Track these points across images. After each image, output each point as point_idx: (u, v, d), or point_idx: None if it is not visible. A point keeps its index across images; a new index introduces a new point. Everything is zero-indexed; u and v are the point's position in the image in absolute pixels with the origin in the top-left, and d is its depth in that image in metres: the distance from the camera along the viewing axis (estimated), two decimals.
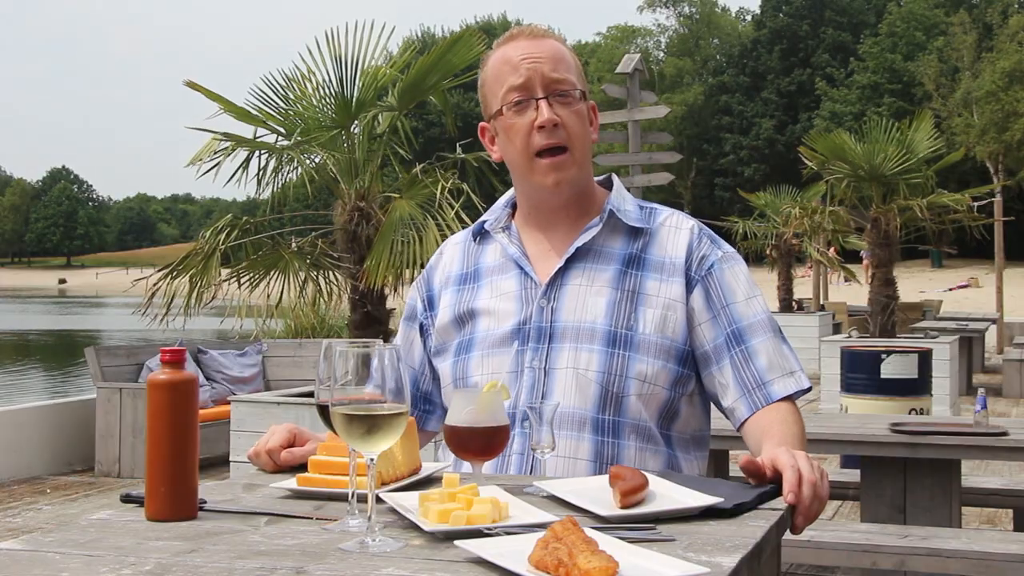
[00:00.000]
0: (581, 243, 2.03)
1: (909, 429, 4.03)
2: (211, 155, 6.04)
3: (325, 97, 6.09)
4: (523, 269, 2.05)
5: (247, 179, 6.18)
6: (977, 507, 5.56)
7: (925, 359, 6.44)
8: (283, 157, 6.14)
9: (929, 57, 48.50)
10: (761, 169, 55.19)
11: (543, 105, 1.98)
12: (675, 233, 2.05)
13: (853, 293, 22.48)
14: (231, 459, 5.66)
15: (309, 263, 6.17)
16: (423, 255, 5.60)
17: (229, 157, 6.08)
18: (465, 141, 6.38)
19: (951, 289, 33.81)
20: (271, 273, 6.14)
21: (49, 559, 1.27)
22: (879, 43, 54.44)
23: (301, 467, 1.75)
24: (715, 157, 59.48)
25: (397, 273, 5.72)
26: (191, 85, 6.14)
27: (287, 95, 6.15)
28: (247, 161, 6.14)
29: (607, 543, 1.24)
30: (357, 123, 6.20)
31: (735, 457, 4.56)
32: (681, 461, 2.01)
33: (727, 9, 70.62)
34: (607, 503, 1.51)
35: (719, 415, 2.07)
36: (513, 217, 2.15)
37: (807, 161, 11.64)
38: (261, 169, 6.16)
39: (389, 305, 6.12)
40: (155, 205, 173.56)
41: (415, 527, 1.39)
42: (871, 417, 4.89)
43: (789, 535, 1.61)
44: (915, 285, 31.57)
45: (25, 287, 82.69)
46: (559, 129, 1.98)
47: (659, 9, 67.31)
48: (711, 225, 2.35)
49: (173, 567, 1.23)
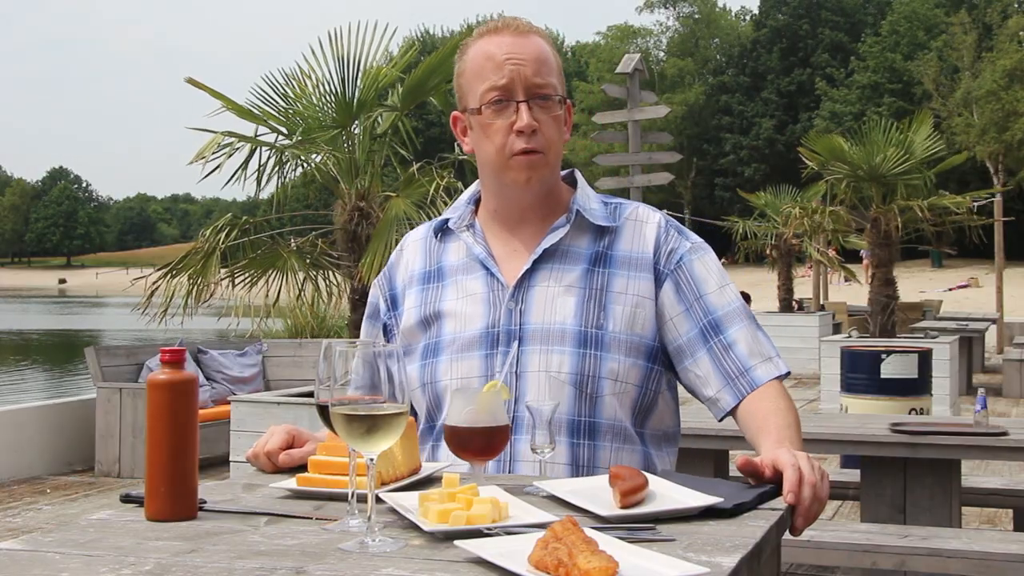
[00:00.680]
0: (548, 244, 2.00)
1: (909, 429, 4.03)
2: (214, 151, 6.05)
3: (326, 96, 6.10)
4: (489, 270, 2.02)
5: (247, 178, 6.19)
6: (977, 507, 5.56)
7: (925, 359, 6.44)
8: (284, 156, 6.15)
9: (929, 57, 48.49)
10: (761, 169, 55.19)
11: (523, 109, 1.95)
12: (641, 227, 2.04)
13: (853, 293, 22.49)
14: (231, 459, 5.67)
15: (308, 263, 6.17)
16: None
17: (231, 156, 6.08)
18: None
19: (951, 289, 33.81)
20: (269, 272, 6.14)
21: (49, 559, 1.27)
22: (879, 42, 54.43)
23: (301, 467, 1.75)
24: (715, 157, 59.48)
25: None
26: (192, 82, 6.15)
27: (288, 94, 6.16)
28: (248, 160, 6.15)
29: (607, 543, 1.24)
30: (358, 123, 6.21)
31: (735, 457, 4.56)
32: (654, 458, 2.01)
33: (727, 9, 70.57)
34: (607, 503, 1.51)
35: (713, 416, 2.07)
36: (476, 214, 2.11)
37: (807, 161, 11.64)
38: (261, 166, 6.16)
39: None
40: (155, 205, 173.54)
41: (415, 527, 1.39)
42: (871, 417, 4.89)
43: (789, 535, 1.61)
44: (915, 285, 31.56)
45: (25, 287, 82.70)
46: (537, 135, 1.96)
47: (659, 9, 67.28)
48: (711, 225, 2.35)
49: (173, 567, 1.23)
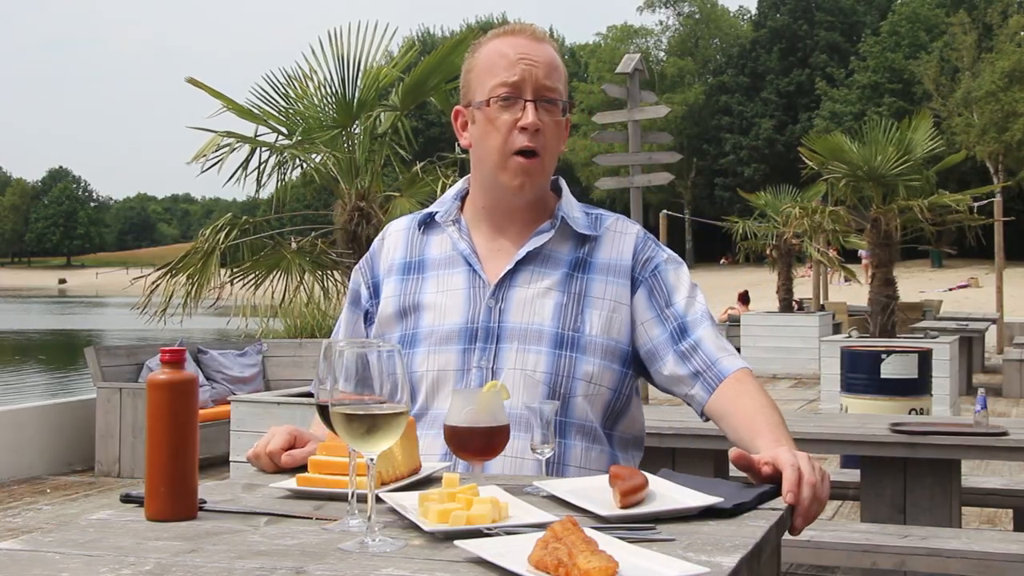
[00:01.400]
0: (532, 247, 2.04)
1: (909, 429, 4.03)
2: (214, 151, 6.05)
3: (326, 96, 6.10)
4: (472, 267, 2.06)
5: (247, 178, 6.19)
6: (977, 507, 5.56)
7: (925, 359, 6.44)
8: (284, 156, 6.14)
9: (930, 57, 48.49)
10: (761, 169, 55.21)
11: (530, 108, 2.00)
12: (620, 238, 2.09)
13: (853, 293, 22.48)
14: (231, 459, 5.66)
15: (310, 262, 6.17)
16: None
17: (231, 154, 6.08)
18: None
19: (951, 289, 33.80)
20: (273, 273, 6.14)
21: (49, 559, 1.27)
22: (880, 42, 54.43)
23: (301, 467, 1.75)
24: (715, 157, 59.48)
25: None
26: (193, 82, 6.14)
27: (288, 94, 6.16)
28: (248, 159, 6.15)
29: (607, 543, 1.24)
30: (358, 123, 6.21)
31: (730, 452, 4.55)
32: (620, 460, 2.04)
33: (727, 9, 70.56)
34: (607, 503, 1.51)
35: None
36: (462, 210, 2.14)
37: (807, 161, 11.64)
38: (261, 166, 6.16)
39: None
40: (155, 205, 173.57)
41: (415, 527, 1.39)
42: (871, 417, 4.89)
43: (789, 535, 1.61)
44: (915, 285, 31.56)
45: (25, 287, 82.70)
46: (539, 135, 2.01)
47: (659, 9, 67.29)
48: (711, 225, 2.37)
49: (173, 567, 1.23)
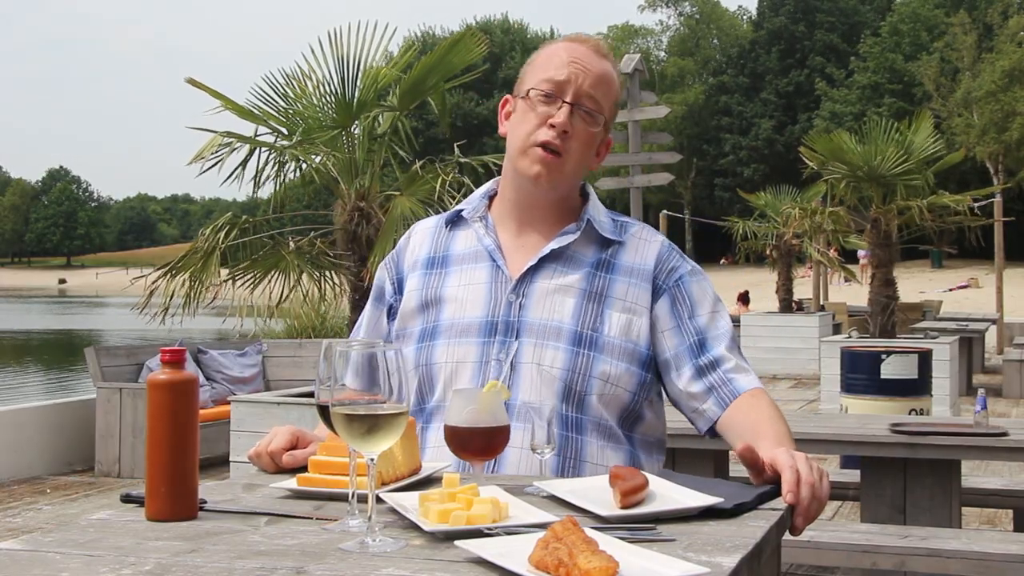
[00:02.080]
0: (557, 245, 2.06)
1: (909, 429, 4.03)
2: (213, 151, 6.04)
3: (326, 97, 6.09)
4: (496, 262, 2.07)
5: (246, 178, 6.18)
6: (977, 507, 5.55)
7: (925, 359, 6.44)
8: (283, 156, 6.14)
9: (930, 57, 48.48)
10: (760, 169, 55.20)
11: (565, 109, 2.02)
12: (645, 244, 2.10)
13: (853, 293, 22.48)
14: (231, 459, 5.66)
15: (308, 262, 6.16)
16: None
17: (231, 155, 6.07)
18: (461, 142, 6.40)
19: (951, 289, 33.81)
20: (271, 273, 6.13)
21: (49, 559, 1.27)
22: (880, 43, 54.42)
23: (302, 467, 1.75)
24: (715, 157, 59.48)
25: None
26: (192, 83, 6.13)
27: (287, 94, 6.15)
28: (247, 160, 6.14)
29: (607, 543, 1.24)
30: (358, 123, 6.20)
31: (735, 457, 4.56)
32: (643, 461, 2.04)
33: (727, 9, 70.55)
34: (607, 503, 1.51)
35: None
36: (490, 209, 2.17)
37: (807, 161, 11.64)
38: (260, 169, 6.15)
39: None
40: (155, 205, 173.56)
41: (415, 527, 1.39)
42: (871, 417, 4.89)
43: (789, 535, 1.61)
44: (915, 285, 31.56)
45: (25, 287, 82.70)
46: (567, 137, 2.02)
47: (660, 8, 67.29)
48: (711, 225, 2.37)
49: (173, 567, 1.23)
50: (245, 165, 6.13)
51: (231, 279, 6.09)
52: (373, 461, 1.40)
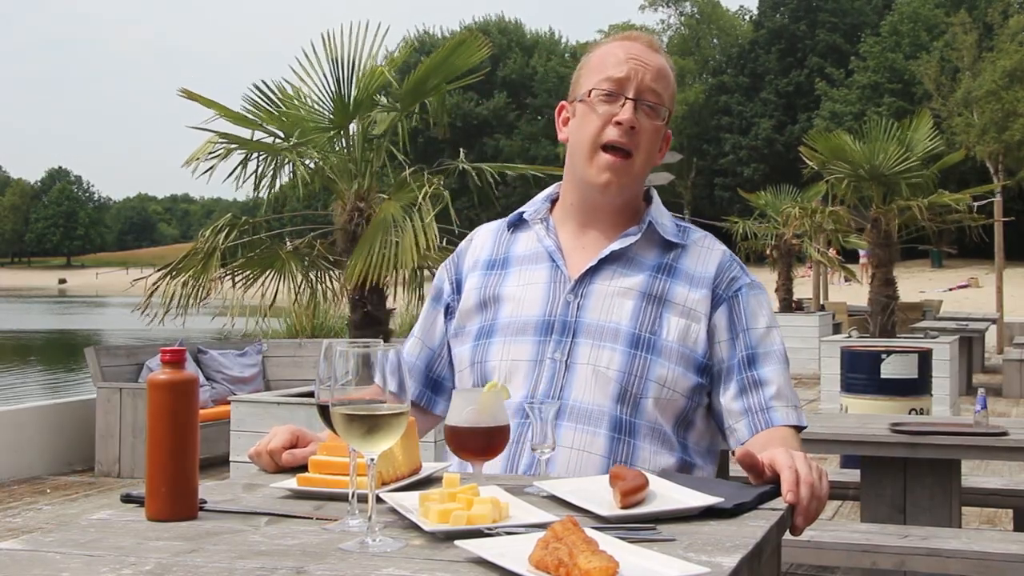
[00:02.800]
0: (618, 247, 2.05)
1: (909, 429, 4.03)
2: (206, 156, 6.02)
3: (322, 98, 6.08)
4: (555, 262, 2.07)
5: (243, 180, 6.16)
6: (977, 507, 5.56)
7: (925, 359, 6.44)
8: (279, 159, 6.12)
9: (930, 57, 48.46)
10: (760, 169, 55.20)
11: (629, 105, 2.02)
12: (707, 252, 2.09)
13: (853, 293, 22.48)
14: (231, 459, 5.66)
15: (307, 263, 6.16)
16: (400, 257, 5.56)
17: (226, 158, 6.06)
18: (447, 142, 6.38)
19: (951, 289, 33.81)
20: (266, 272, 6.12)
21: (49, 559, 1.27)
22: (880, 42, 54.42)
23: (302, 467, 1.75)
24: (715, 157, 59.46)
25: (376, 273, 5.65)
26: (186, 93, 6.09)
27: (283, 97, 6.13)
28: (243, 162, 6.13)
29: (607, 543, 1.24)
30: (355, 124, 6.19)
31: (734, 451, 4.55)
32: (697, 469, 2.02)
33: (727, 9, 70.52)
34: (607, 503, 1.51)
35: None
36: (552, 212, 2.17)
37: (808, 161, 11.64)
38: (255, 172, 6.13)
39: (389, 305, 6.11)
40: (155, 205, 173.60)
41: (415, 527, 1.39)
42: (871, 417, 4.89)
43: (789, 535, 1.61)
44: (915, 285, 31.56)
45: (25, 287, 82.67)
46: (634, 133, 2.02)
47: (660, 8, 67.27)
48: (711, 225, 2.37)
49: (173, 567, 1.23)
50: (244, 167, 6.12)
51: (228, 276, 6.07)
52: (373, 461, 1.40)
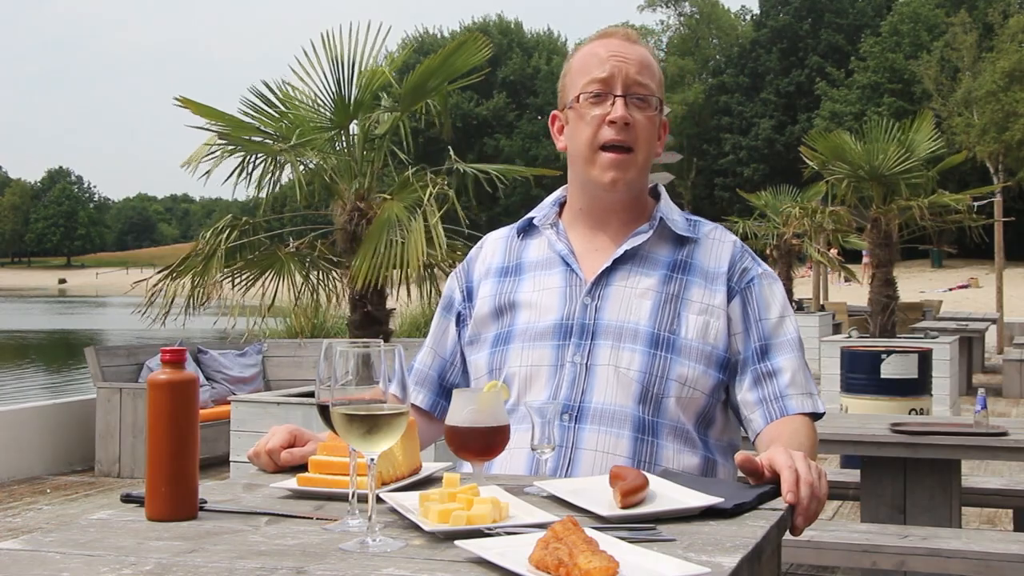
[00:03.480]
0: (630, 246, 2.05)
1: (909, 429, 4.03)
2: (205, 157, 6.01)
3: (321, 98, 6.07)
4: (569, 266, 2.07)
5: (243, 181, 6.16)
6: (977, 507, 5.56)
7: (925, 359, 6.44)
8: (278, 160, 6.11)
9: (930, 57, 48.46)
10: (760, 169, 55.21)
11: (619, 102, 2.02)
12: (719, 245, 2.09)
13: (853, 293, 22.48)
14: (231, 459, 5.66)
15: (308, 264, 6.15)
16: (407, 257, 5.56)
17: (225, 159, 6.05)
18: (452, 143, 6.38)
19: (951, 289, 33.82)
20: (266, 274, 6.11)
21: (49, 559, 1.27)
22: (880, 42, 54.41)
23: (301, 467, 1.75)
24: (715, 157, 59.46)
25: (378, 273, 5.65)
26: (183, 101, 6.06)
27: (282, 98, 6.12)
28: (243, 164, 6.12)
29: (607, 543, 1.24)
30: (355, 124, 6.19)
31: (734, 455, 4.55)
32: (719, 466, 2.02)
33: (727, 9, 70.49)
34: (607, 503, 1.51)
35: None
36: (560, 216, 2.17)
37: (808, 161, 11.64)
38: (251, 173, 6.12)
39: (389, 305, 6.11)
40: (155, 205, 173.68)
41: (415, 527, 1.39)
42: (871, 417, 4.89)
43: (789, 535, 1.61)
44: (915, 285, 31.58)
45: (25, 287, 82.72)
46: (630, 129, 2.02)
47: (659, 8, 67.26)
48: None
49: (173, 567, 1.23)
50: (242, 169, 6.11)
51: (229, 278, 6.07)
52: (373, 461, 1.40)
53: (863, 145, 11.05)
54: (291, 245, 6.17)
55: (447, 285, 2.26)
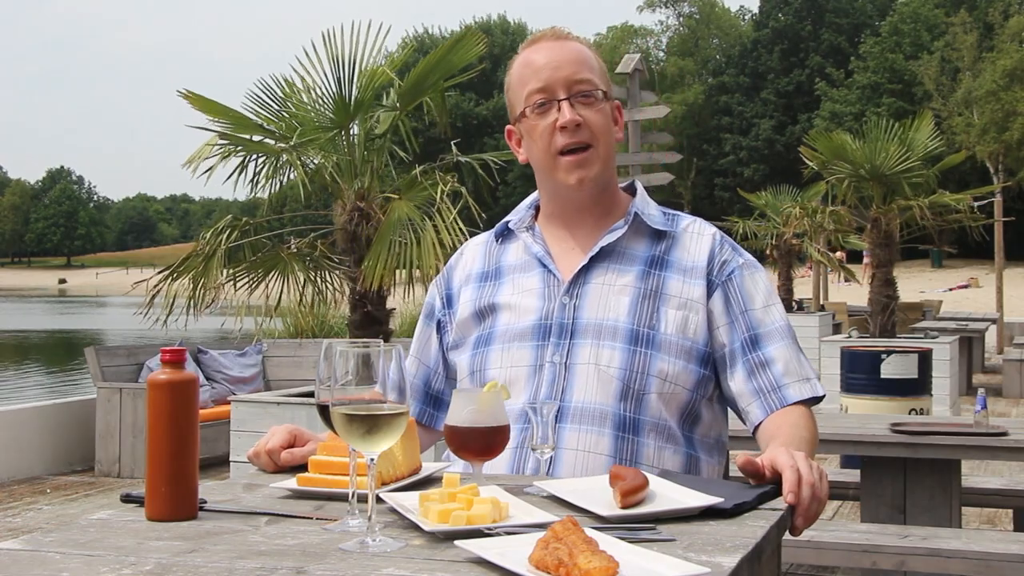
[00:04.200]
0: (606, 243, 2.05)
1: (909, 429, 4.03)
2: (206, 157, 6.01)
3: (322, 98, 6.07)
4: (546, 267, 2.07)
5: (244, 181, 6.16)
6: (977, 507, 5.56)
7: (925, 359, 6.44)
8: (280, 159, 6.11)
9: (930, 57, 48.46)
10: (761, 169, 55.22)
11: (564, 106, 2.01)
12: (697, 239, 2.08)
13: (853, 293, 22.48)
14: (231, 459, 5.66)
15: (309, 264, 6.15)
16: (420, 257, 5.57)
17: (226, 158, 6.05)
18: (456, 140, 6.38)
19: (951, 289, 33.83)
20: (270, 274, 6.12)
21: (49, 559, 1.27)
22: (880, 43, 54.41)
23: (301, 467, 1.75)
24: (715, 157, 59.47)
25: (393, 274, 5.68)
26: (186, 95, 6.07)
27: (283, 98, 6.12)
28: (243, 164, 6.12)
29: (607, 543, 1.24)
30: (356, 123, 6.18)
31: (735, 457, 4.55)
32: (703, 463, 2.01)
33: (727, 9, 70.50)
34: (607, 503, 1.51)
35: (733, 417, 2.09)
36: (536, 219, 2.17)
37: (808, 161, 11.64)
38: (256, 173, 6.12)
39: (389, 305, 6.11)
40: (155, 205, 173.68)
41: (415, 527, 1.39)
42: (871, 417, 4.89)
43: (789, 535, 1.61)
44: (915, 285, 31.58)
45: (25, 287, 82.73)
46: (582, 129, 2.02)
47: (659, 9, 67.26)
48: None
49: (173, 567, 1.23)
50: (243, 169, 6.11)
51: (232, 281, 6.07)
52: (373, 461, 1.40)
53: (863, 145, 11.05)
54: (292, 245, 6.17)
55: (428, 293, 2.27)
